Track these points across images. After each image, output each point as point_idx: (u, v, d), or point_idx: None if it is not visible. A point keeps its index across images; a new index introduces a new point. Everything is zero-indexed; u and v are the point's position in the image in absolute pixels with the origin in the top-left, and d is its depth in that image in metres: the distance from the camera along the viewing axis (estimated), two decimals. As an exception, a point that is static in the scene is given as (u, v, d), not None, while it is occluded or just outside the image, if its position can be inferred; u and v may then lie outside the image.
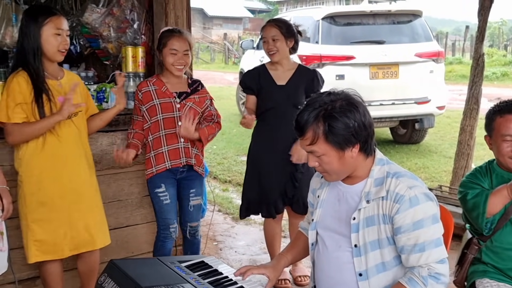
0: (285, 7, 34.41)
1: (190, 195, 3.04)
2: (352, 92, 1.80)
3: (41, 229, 2.58)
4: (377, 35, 6.98)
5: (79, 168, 2.66)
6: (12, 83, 2.48)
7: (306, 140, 1.76)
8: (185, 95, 2.98)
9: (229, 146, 7.66)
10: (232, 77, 17.49)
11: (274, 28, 3.15)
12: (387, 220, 1.76)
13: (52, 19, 2.50)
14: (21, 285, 2.91)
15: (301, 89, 3.21)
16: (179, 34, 2.93)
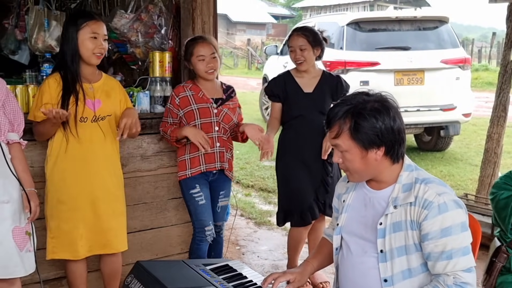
0: (309, 13, 34.38)
1: (220, 197, 3.11)
2: (387, 95, 1.80)
3: (57, 227, 2.63)
4: (402, 41, 6.94)
5: (101, 171, 2.68)
6: (44, 84, 2.59)
7: (332, 133, 1.78)
8: (221, 101, 3.05)
9: (252, 151, 7.67)
10: (255, 82, 17.53)
11: (301, 37, 3.16)
12: (415, 226, 1.74)
13: (89, 23, 2.57)
14: (47, 285, 2.96)
15: (328, 95, 3.23)
16: (203, 40, 3.00)
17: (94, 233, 2.68)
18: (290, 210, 3.27)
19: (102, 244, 2.72)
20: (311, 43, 3.15)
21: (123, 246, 2.81)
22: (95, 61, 2.64)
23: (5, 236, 2.25)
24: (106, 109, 2.69)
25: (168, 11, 3.52)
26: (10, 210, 2.27)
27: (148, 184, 3.26)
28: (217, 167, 3.02)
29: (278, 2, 46.26)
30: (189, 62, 3.00)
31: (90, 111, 2.62)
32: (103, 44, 2.63)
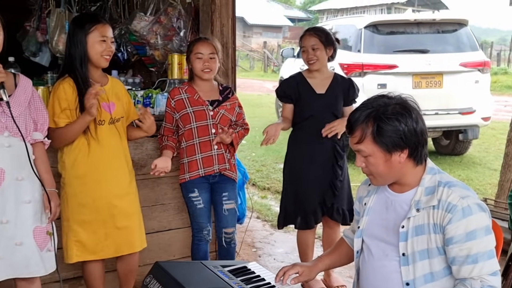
0: (325, 15, 34.31)
1: (223, 199, 3.04)
2: (408, 97, 1.79)
3: (82, 230, 2.65)
4: (421, 44, 6.89)
5: (120, 172, 2.72)
6: (59, 89, 2.57)
7: (354, 138, 1.77)
8: (217, 103, 3.01)
9: (268, 153, 7.68)
10: (271, 85, 17.53)
11: (313, 37, 3.15)
12: (438, 230, 1.72)
13: (98, 27, 2.58)
14: (67, 284, 3.00)
15: (340, 97, 3.21)
16: (204, 40, 2.99)
17: (116, 234, 2.70)
18: (294, 212, 3.24)
19: (125, 243, 2.75)
20: (323, 43, 3.14)
21: (143, 244, 2.84)
22: (104, 64, 2.65)
23: (26, 236, 2.28)
24: (120, 111, 2.72)
25: (187, 13, 3.56)
26: (32, 210, 2.30)
27: (166, 185, 3.28)
28: (216, 170, 2.98)
29: (295, 5, 46.27)
30: (189, 60, 2.98)
31: (107, 114, 2.65)
32: (111, 46, 2.65)
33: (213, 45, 2.97)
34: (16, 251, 2.25)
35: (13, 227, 2.24)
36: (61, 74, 2.66)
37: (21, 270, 2.29)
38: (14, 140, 2.23)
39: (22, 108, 2.28)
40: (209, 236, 3.05)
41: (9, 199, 2.22)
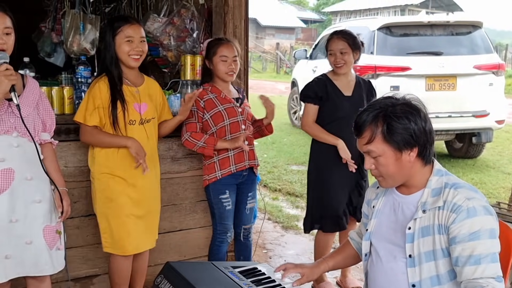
0: (339, 17, 34.22)
1: (248, 199, 3.12)
2: (412, 97, 1.80)
3: (108, 224, 2.72)
4: (434, 46, 6.85)
5: (146, 173, 2.74)
6: (94, 88, 2.64)
7: (363, 139, 1.77)
8: (241, 100, 3.08)
9: (280, 155, 7.68)
10: (283, 86, 17.53)
11: (341, 40, 3.14)
12: (443, 231, 1.72)
13: (123, 28, 2.64)
14: (78, 283, 3.03)
15: (364, 99, 3.21)
16: (228, 42, 3.01)
17: (141, 231, 2.76)
18: (322, 215, 3.23)
19: (145, 240, 2.81)
20: (351, 47, 3.13)
21: (154, 243, 2.90)
22: (133, 64, 2.69)
23: (36, 235, 2.30)
24: (151, 112, 2.77)
25: (200, 15, 3.57)
26: (42, 209, 2.33)
27: (178, 185, 3.30)
28: (247, 165, 3.03)
29: (308, 7, 46.21)
30: (210, 61, 3.00)
31: (138, 114, 2.70)
32: (140, 46, 2.68)
33: (235, 47, 3.02)
34: (26, 249, 2.28)
35: (23, 226, 2.26)
36: (98, 74, 2.74)
37: (30, 269, 2.32)
38: (23, 140, 2.26)
39: (30, 108, 2.31)
40: (230, 238, 3.10)
41: (18, 199, 2.25)
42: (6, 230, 2.22)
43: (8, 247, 2.23)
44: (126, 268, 2.81)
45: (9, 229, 2.23)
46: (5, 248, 2.23)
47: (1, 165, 2.20)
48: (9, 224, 2.23)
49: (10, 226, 2.23)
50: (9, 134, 2.22)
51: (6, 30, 2.17)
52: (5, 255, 2.23)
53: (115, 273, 2.81)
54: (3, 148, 2.21)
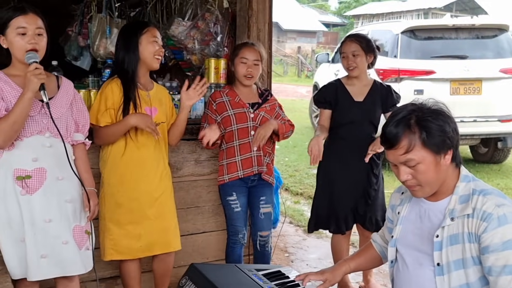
0: (361, 21, 34.02)
1: (260, 203, 3.07)
2: (434, 101, 1.77)
3: (117, 229, 2.71)
4: (459, 49, 6.76)
5: (156, 174, 2.77)
6: (106, 88, 2.66)
7: (401, 149, 1.71)
8: (257, 105, 3.04)
9: (301, 158, 7.66)
10: (304, 90, 17.50)
11: (354, 43, 3.14)
12: (473, 239, 1.69)
13: (149, 29, 2.69)
14: (103, 283, 3.06)
15: (378, 105, 3.19)
16: (251, 45, 3.02)
17: (151, 234, 2.75)
18: (326, 217, 3.24)
19: (159, 244, 2.79)
20: (364, 49, 3.13)
21: (178, 245, 2.88)
22: (156, 65, 2.73)
23: (67, 235, 2.34)
24: (161, 116, 2.78)
25: (224, 18, 3.59)
26: (72, 209, 2.36)
27: (201, 188, 3.32)
28: (255, 171, 3.00)
29: (329, 10, 46.05)
30: (232, 62, 3.02)
31: None
32: (161, 47, 2.73)
33: (259, 51, 3.01)
34: (62, 249, 2.31)
35: (57, 226, 2.30)
36: (111, 75, 2.76)
37: (65, 269, 2.35)
38: (55, 141, 2.30)
39: (63, 109, 2.35)
40: (244, 240, 3.07)
41: (51, 198, 2.29)
42: (42, 230, 2.26)
43: (44, 247, 2.27)
44: (136, 270, 2.82)
45: (45, 229, 2.27)
46: (41, 247, 2.26)
47: (34, 165, 2.25)
48: (44, 224, 2.27)
49: (45, 226, 2.27)
50: (42, 134, 2.27)
51: (38, 30, 2.22)
52: (40, 254, 2.26)
53: (126, 278, 2.83)
54: (36, 148, 2.26)
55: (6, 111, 2.16)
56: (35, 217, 2.25)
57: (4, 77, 2.24)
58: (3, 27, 2.19)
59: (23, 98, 2.12)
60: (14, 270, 2.27)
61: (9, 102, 2.18)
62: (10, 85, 2.22)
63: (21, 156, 2.24)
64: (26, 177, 2.23)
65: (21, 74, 2.23)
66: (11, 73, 2.26)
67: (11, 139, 2.19)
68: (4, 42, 2.22)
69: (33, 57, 2.17)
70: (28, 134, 2.24)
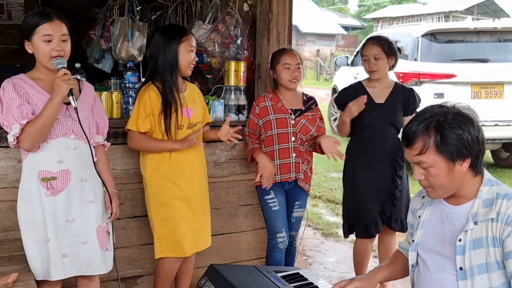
0: (380, 24, 33.81)
1: (295, 207, 3.11)
2: (464, 106, 1.75)
3: (163, 228, 2.77)
4: (480, 53, 6.68)
5: (196, 175, 2.83)
6: (144, 96, 2.69)
7: (414, 150, 1.72)
8: (299, 112, 3.07)
9: (320, 162, 7.62)
10: (323, 93, 17.43)
11: (376, 46, 3.14)
12: (497, 243, 1.68)
13: (188, 38, 2.71)
14: (123, 283, 3.09)
15: (399, 107, 3.18)
16: (290, 50, 3.07)
17: (195, 232, 2.81)
18: (355, 222, 3.24)
19: (201, 242, 2.87)
20: (385, 52, 3.12)
21: (209, 242, 2.95)
22: (189, 73, 2.78)
23: (90, 235, 2.38)
24: (197, 116, 2.83)
25: (245, 22, 3.61)
26: (95, 209, 2.41)
27: (220, 190, 3.34)
28: (292, 177, 3.04)
29: (349, 13, 45.88)
30: (274, 70, 3.06)
31: (186, 119, 2.75)
32: (196, 57, 2.78)
33: (298, 55, 3.05)
34: (81, 249, 2.36)
35: (78, 226, 2.34)
36: (146, 81, 2.77)
37: (86, 268, 2.40)
38: (79, 143, 2.34)
39: (86, 112, 2.40)
40: (283, 244, 3.05)
41: (74, 199, 2.33)
42: (63, 230, 2.31)
43: (65, 246, 2.32)
44: (175, 269, 2.86)
45: (66, 229, 2.32)
46: (63, 247, 2.31)
47: (59, 166, 2.29)
48: (65, 223, 2.31)
49: (67, 225, 2.32)
50: (67, 137, 2.32)
51: (63, 37, 2.26)
52: (62, 254, 2.31)
53: (163, 274, 2.85)
54: (61, 150, 2.30)
55: (33, 114, 2.21)
56: (57, 217, 2.29)
57: (29, 80, 2.28)
58: (29, 33, 2.23)
59: (52, 102, 2.16)
60: (36, 271, 2.31)
61: (35, 106, 2.23)
62: (35, 88, 2.27)
63: (46, 157, 2.28)
64: (51, 179, 2.28)
65: (45, 78, 2.28)
66: (35, 76, 2.31)
67: (38, 142, 2.23)
68: (29, 47, 2.26)
69: (61, 62, 2.22)
70: (54, 136, 2.28)
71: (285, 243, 3.05)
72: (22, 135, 2.17)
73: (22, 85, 2.24)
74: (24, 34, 2.25)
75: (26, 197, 2.29)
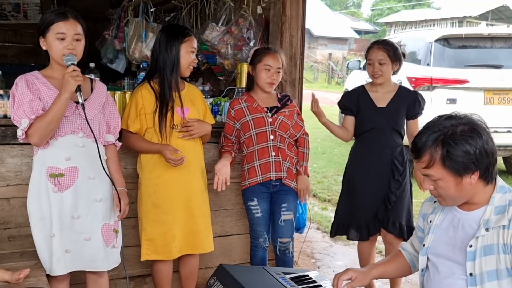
0: (393, 28, 33.68)
1: (282, 210, 3.05)
2: (475, 117, 1.74)
3: (153, 230, 2.75)
4: (494, 59, 6.63)
5: (193, 177, 2.81)
6: (137, 95, 2.71)
7: (422, 163, 1.74)
8: (276, 109, 3.04)
9: (330, 165, 7.64)
10: (334, 97, 17.38)
11: (381, 51, 3.12)
12: (508, 250, 1.67)
13: (190, 39, 2.73)
14: (132, 281, 3.11)
15: (402, 111, 3.17)
16: (274, 52, 3.01)
17: (186, 234, 2.79)
18: (347, 223, 3.24)
19: (193, 244, 2.83)
20: (391, 58, 3.11)
21: (210, 247, 2.92)
22: (188, 74, 2.79)
23: (95, 232, 2.41)
24: (193, 116, 2.80)
25: (258, 24, 3.63)
26: (102, 208, 2.43)
27: (230, 191, 3.34)
28: (272, 177, 2.99)
29: (362, 17, 45.76)
30: (254, 68, 3.00)
31: (180, 118, 2.74)
32: (196, 58, 2.79)
33: (281, 59, 3.00)
34: (84, 246, 2.39)
35: (83, 223, 2.37)
36: (143, 80, 2.79)
37: (87, 264, 2.43)
38: (87, 141, 2.37)
39: (96, 111, 2.42)
40: (265, 243, 3.10)
41: (81, 196, 2.36)
42: (68, 226, 2.34)
43: (69, 242, 2.35)
44: (166, 270, 2.86)
45: (71, 225, 2.35)
46: (66, 242, 2.35)
47: (67, 163, 2.32)
48: (71, 220, 2.34)
49: (72, 222, 2.35)
50: (75, 134, 2.35)
51: (77, 36, 2.29)
52: (65, 249, 2.34)
53: (156, 277, 2.87)
54: (70, 147, 2.33)
55: (43, 110, 2.24)
56: (64, 213, 2.33)
57: (42, 78, 2.32)
58: (44, 30, 2.28)
59: (60, 98, 2.20)
60: (45, 265, 2.35)
61: (45, 102, 2.26)
62: (47, 85, 2.31)
63: (55, 154, 2.32)
64: (59, 175, 2.31)
65: (58, 76, 2.32)
66: (48, 74, 2.35)
67: (47, 138, 2.27)
68: (44, 43, 2.31)
69: (71, 59, 2.25)
70: (63, 133, 2.32)
71: (266, 242, 3.09)
72: (31, 129, 2.21)
73: (35, 82, 2.29)
74: (40, 30, 2.29)
75: (35, 193, 2.33)
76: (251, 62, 3.05)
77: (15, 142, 2.67)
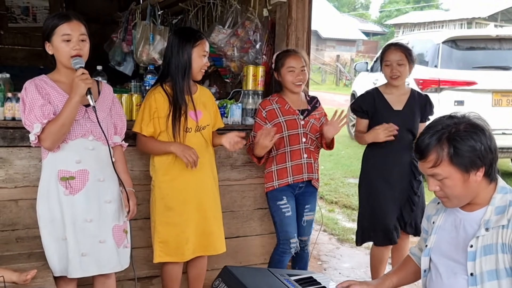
0: (402, 30, 33.54)
1: (305, 211, 3.11)
2: (475, 115, 1.76)
3: (166, 232, 2.77)
4: (502, 60, 6.61)
5: (205, 178, 2.83)
6: (150, 98, 2.71)
7: (428, 163, 1.74)
8: (307, 112, 3.09)
9: (337, 167, 7.63)
10: (342, 98, 17.39)
11: (399, 52, 3.12)
12: (507, 250, 1.68)
13: (202, 42, 2.73)
14: (139, 283, 3.13)
15: (417, 114, 3.18)
16: (295, 53, 3.05)
17: (199, 236, 2.81)
18: (372, 229, 3.22)
19: (205, 246, 2.85)
20: (408, 59, 3.12)
21: (222, 248, 2.93)
22: (200, 77, 2.80)
23: (107, 234, 2.43)
24: (206, 119, 2.82)
25: (264, 27, 3.64)
26: (112, 209, 2.45)
27: (236, 193, 3.36)
28: (305, 178, 3.04)
29: (370, 19, 45.65)
30: (279, 73, 3.05)
31: (193, 122, 2.75)
32: (208, 62, 2.80)
33: (303, 58, 3.05)
34: (100, 248, 2.40)
35: (97, 226, 2.39)
36: (156, 83, 2.80)
37: (104, 267, 2.44)
38: (97, 144, 2.39)
39: (104, 113, 2.44)
40: (294, 249, 3.06)
41: (92, 199, 2.38)
42: (82, 230, 2.36)
43: (84, 245, 2.36)
44: (177, 272, 2.87)
45: (84, 229, 2.36)
46: (82, 246, 2.36)
47: (78, 166, 2.34)
48: (84, 223, 2.36)
49: (85, 226, 2.36)
50: (86, 138, 2.36)
51: (82, 37, 2.31)
52: (81, 253, 2.36)
53: (166, 278, 2.88)
54: (80, 151, 2.35)
55: (54, 114, 2.26)
56: (76, 216, 2.34)
57: (50, 82, 2.34)
58: (49, 34, 2.29)
59: (71, 102, 2.22)
60: (54, 267, 2.37)
61: (56, 106, 2.28)
62: (56, 90, 2.32)
63: (65, 157, 2.33)
64: (70, 178, 2.33)
65: (65, 79, 2.33)
66: (56, 78, 2.37)
67: (59, 141, 2.29)
68: (50, 48, 2.32)
69: (79, 62, 2.27)
70: (73, 137, 2.34)
71: (296, 248, 3.06)
72: (43, 134, 2.23)
73: (44, 86, 2.30)
74: (45, 35, 2.31)
75: (45, 195, 2.35)
76: (275, 68, 3.10)
77: (23, 144, 2.70)
